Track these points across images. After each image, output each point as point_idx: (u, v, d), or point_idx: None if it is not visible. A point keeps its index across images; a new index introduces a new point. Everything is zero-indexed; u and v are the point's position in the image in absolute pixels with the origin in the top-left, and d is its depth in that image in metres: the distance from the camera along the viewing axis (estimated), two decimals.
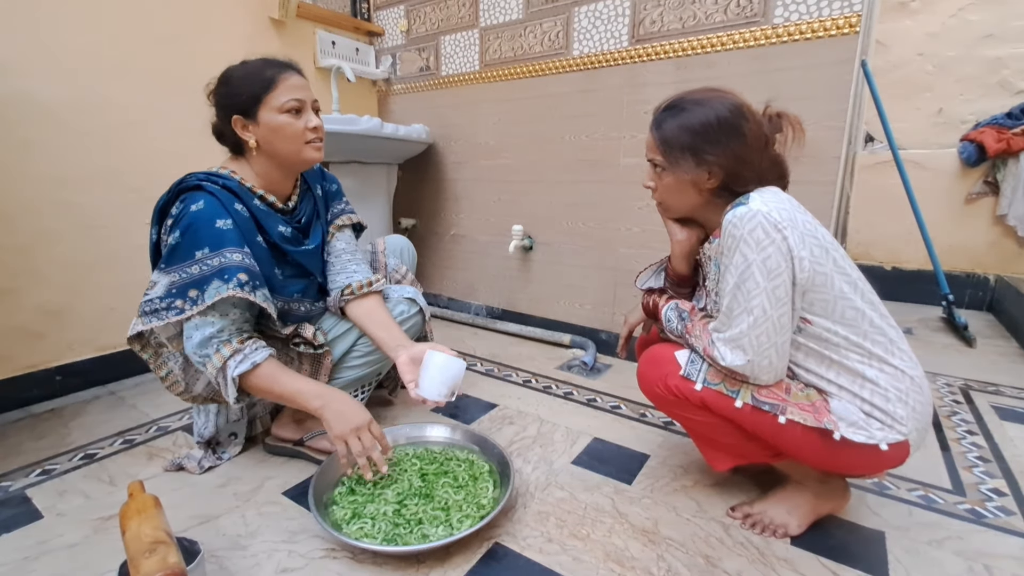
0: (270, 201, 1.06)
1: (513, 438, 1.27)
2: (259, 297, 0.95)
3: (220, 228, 0.94)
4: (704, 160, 0.83)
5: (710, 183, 0.85)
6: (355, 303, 1.15)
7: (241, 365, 0.93)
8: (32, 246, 1.39)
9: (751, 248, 0.77)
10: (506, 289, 2.12)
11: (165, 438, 1.26)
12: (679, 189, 0.88)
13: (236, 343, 0.95)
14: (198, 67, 1.65)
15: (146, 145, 1.57)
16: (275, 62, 1.02)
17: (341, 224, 1.21)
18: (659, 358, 0.93)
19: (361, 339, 1.18)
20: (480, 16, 1.98)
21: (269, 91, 0.98)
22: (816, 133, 1.36)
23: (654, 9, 1.57)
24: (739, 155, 0.83)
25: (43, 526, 0.94)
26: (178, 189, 0.99)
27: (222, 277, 0.91)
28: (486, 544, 0.90)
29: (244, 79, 0.99)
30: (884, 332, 0.81)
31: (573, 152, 1.82)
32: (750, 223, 0.77)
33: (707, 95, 0.86)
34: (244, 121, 1.00)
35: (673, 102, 0.88)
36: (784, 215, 0.77)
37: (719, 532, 0.94)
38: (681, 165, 0.85)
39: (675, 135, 0.85)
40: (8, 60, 1.31)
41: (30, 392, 1.42)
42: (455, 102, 2.12)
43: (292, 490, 1.05)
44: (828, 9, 1.31)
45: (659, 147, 0.87)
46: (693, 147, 0.83)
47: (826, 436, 0.79)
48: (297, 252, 1.09)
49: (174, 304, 0.92)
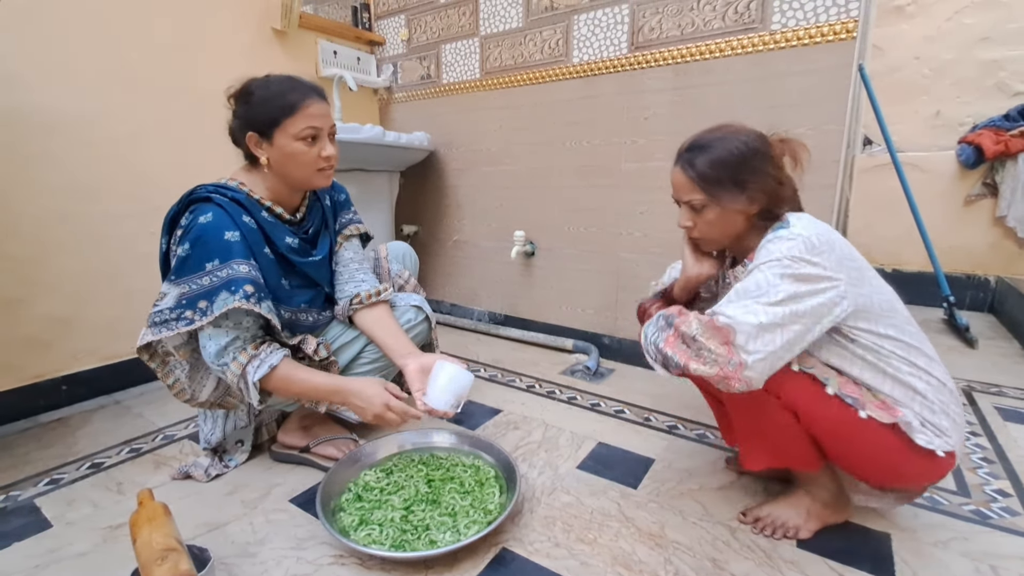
0: (277, 212, 1.07)
1: (518, 443, 1.27)
2: (264, 308, 0.97)
3: (228, 240, 0.95)
4: (747, 187, 0.85)
5: (754, 208, 0.87)
6: (364, 312, 1.16)
7: (259, 370, 0.95)
8: (39, 256, 1.40)
9: (791, 268, 0.78)
10: (508, 294, 2.13)
11: (172, 446, 1.26)
12: (724, 221, 0.89)
13: (251, 349, 0.97)
14: (202, 78, 1.68)
15: (151, 155, 1.59)
16: (300, 85, 1.01)
17: (349, 234, 1.22)
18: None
19: (368, 346, 1.19)
20: (480, 25, 1.99)
21: (288, 117, 0.98)
22: (815, 137, 1.37)
23: (653, 16, 1.59)
24: (775, 177, 0.86)
25: (53, 535, 0.95)
26: (188, 200, 1.00)
27: (229, 288, 0.93)
28: (493, 549, 0.90)
29: (265, 100, 0.99)
30: (923, 344, 0.83)
31: (574, 158, 1.84)
32: (795, 246, 0.78)
33: (724, 130, 0.89)
34: (259, 140, 1.01)
35: (695, 142, 0.90)
36: (823, 239, 0.79)
37: (725, 535, 0.94)
38: (724, 197, 0.87)
39: (712, 170, 0.86)
40: (15, 73, 1.33)
41: (37, 402, 1.43)
42: (456, 110, 2.14)
43: (299, 497, 1.06)
44: (825, 15, 1.33)
45: (698, 184, 0.88)
46: (734, 178, 0.85)
47: (897, 437, 0.79)
48: (304, 263, 1.10)
49: (184, 315, 0.93)
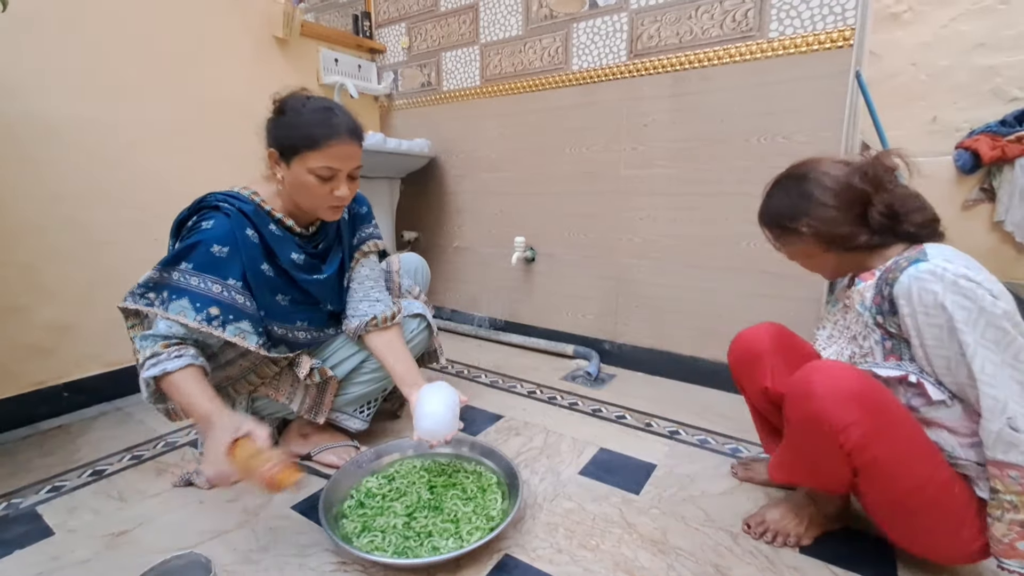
0: (287, 225, 1.05)
1: (520, 449, 1.27)
2: (229, 332, 0.94)
3: (213, 253, 0.94)
4: (798, 231, 0.86)
5: (821, 246, 0.86)
6: (376, 334, 1.15)
7: (150, 370, 0.89)
8: (39, 263, 1.41)
9: (963, 310, 0.70)
10: (509, 300, 2.14)
11: (173, 453, 1.26)
12: (803, 257, 0.92)
13: (160, 347, 0.90)
14: (203, 86, 1.69)
15: (152, 163, 1.59)
16: (333, 121, 0.97)
17: (367, 251, 1.20)
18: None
19: (368, 359, 1.19)
20: (480, 33, 2.01)
21: (309, 150, 0.96)
22: (813, 143, 1.38)
23: (651, 24, 1.60)
24: (825, 216, 0.83)
25: (55, 542, 0.95)
26: (198, 207, 1.00)
27: (194, 303, 0.92)
28: (496, 556, 0.90)
29: (293, 125, 0.97)
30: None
31: (574, 164, 1.85)
32: (944, 287, 0.71)
33: (788, 173, 0.90)
34: (278, 159, 0.99)
35: (766, 187, 0.93)
36: (971, 271, 0.72)
37: (728, 541, 0.94)
38: (785, 240, 0.91)
39: (765, 220, 0.93)
40: (16, 82, 1.34)
41: (38, 409, 1.43)
42: (456, 116, 2.15)
43: (301, 504, 1.05)
44: (822, 23, 1.34)
45: (767, 234, 0.94)
46: (784, 226, 0.88)
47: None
48: (307, 280, 1.08)
49: (146, 295, 0.93)
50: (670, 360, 1.73)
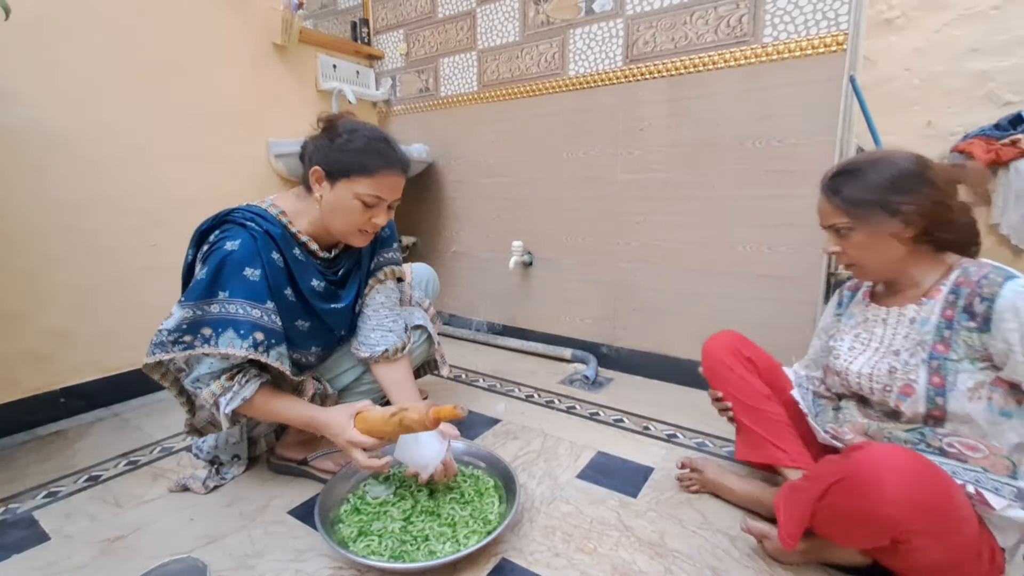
0: (311, 249, 1.04)
1: (517, 453, 1.27)
2: (272, 357, 0.95)
3: (247, 277, 0.93)
4: (897, 210, 0.83)
5: (909, 232, 0.84)
6: (385, 365, 1.16)
7: (232, 402, 0.93)
8: (39, 270, 1.41)
9: None
10: (507, 305, 2.14)
11: (169, 459, 1.26)
12: (873, 245, 0.86)
13: (225, 379, 0.94)
14: (202, 93, 1.70)
15: (151, 170, 1.60)
16: (388, 153, 0.99)
17: (382, 278, 1.18)
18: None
19: (367, 371, 1.20)
20: (478, 39, 2.03)
21: (361, 175, 0.97)
22: (808, 147, 1.39)
23: (647, 30, 1.62)
24: (934, 200, 0.82)
25: (51, 548, 0.94)
26: (224, 219, 0.98)
27: (238, 331, 0.91)
28: (493, 560, 0.90)
29: (347, 149, 0.97)
30: None
31: (571, 169, 1.85)
32: None
33: (874, 155, 0.88)
34: (323, 177, 0.98)
35: (842, 167, 0.89)
36: None
37: (725, 544, 0.94)
38: (871, 220, 0.85)
39: (858, 192, 0.85)
40: (17, 90, 1.34)
41: (36, 414, 1.43)
42: (454, 122, 2.16)
43: (298, 509, 1.05)
44: (816, 28, 1.35)
45: (841, 207, 0.87)
46: (882, 200, 0.83)
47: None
48: (325, 310, 1.07)
49: (182, 339, 0.91)
50: (667, 364, 1.73)
